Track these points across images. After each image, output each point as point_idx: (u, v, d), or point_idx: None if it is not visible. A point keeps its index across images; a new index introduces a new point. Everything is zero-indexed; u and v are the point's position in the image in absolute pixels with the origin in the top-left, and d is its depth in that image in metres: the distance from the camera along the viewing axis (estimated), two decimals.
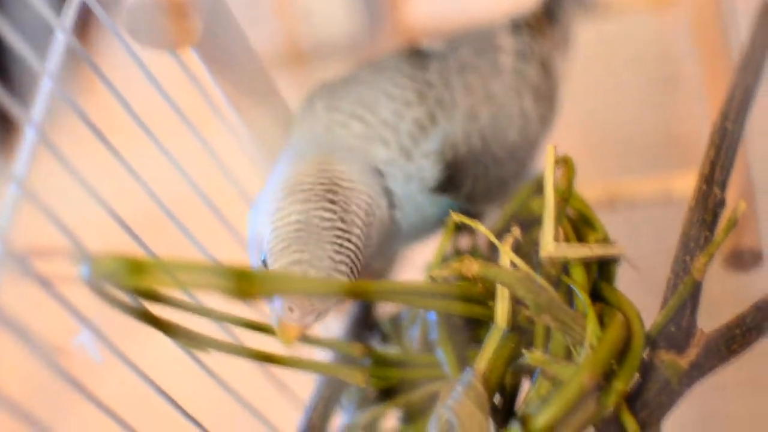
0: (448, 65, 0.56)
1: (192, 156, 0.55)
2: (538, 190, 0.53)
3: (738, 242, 0.59)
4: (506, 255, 0.47)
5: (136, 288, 0.37)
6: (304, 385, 0.54)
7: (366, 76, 0.56)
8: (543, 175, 0.47)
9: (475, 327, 0.51)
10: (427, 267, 0.52)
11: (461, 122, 0.53)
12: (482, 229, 0.47)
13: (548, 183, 0.47)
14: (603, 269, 0.49)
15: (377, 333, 0.57)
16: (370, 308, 0.58)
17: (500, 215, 0.54)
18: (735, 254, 0.59)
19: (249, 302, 0.45)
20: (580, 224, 0.50)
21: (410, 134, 0.52)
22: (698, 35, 0.75)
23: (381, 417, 0.52)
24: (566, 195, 0.48)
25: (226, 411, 0.55)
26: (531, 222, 0.52)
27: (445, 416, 0.43)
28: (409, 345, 0.54)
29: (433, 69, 0.55)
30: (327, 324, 0.62)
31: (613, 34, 0.94)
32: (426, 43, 0.61)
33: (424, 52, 0.58)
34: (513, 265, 0.47)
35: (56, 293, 0.40)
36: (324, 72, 0.62)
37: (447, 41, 0.60)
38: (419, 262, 0.56)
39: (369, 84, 0.54)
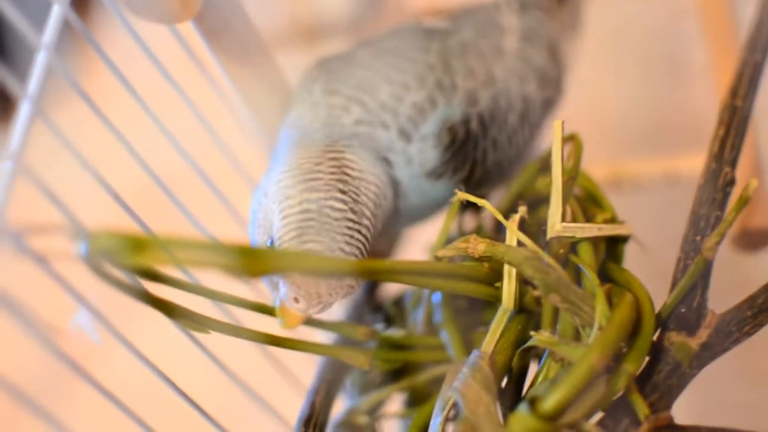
0: (450, 47, 0.55)
1: (191, 133, 0.54)
2: (544, 170, 0.52)
3: (747, 222, 0.58)
4: (513, 234, 0.46)
5: (135, 266, 0.36)
6: (306, 369, 0.53)
7: (365, 59, 0.55)
8: (549, 154, 0.47)
9: (481, 309, 0.50)
10: (432, 247, 0.51)
11: (460, 106, 0.53)
12: (489, 207, 0.46)
13: (556, 160, 0.46)
14: (611, 249, 0.48)
15: (381, 316, 0.56)
16: (374, 291, 0.58)
17: (506, 194, 0.53)
18: (744, 235, 0.58)
19: (250, 281, 0.44)
20: (588, 203, 0.50)
21: (409, 117, 0.51)
22: (705, 15, 0.74)
23: (384, 401, 0.52)
24: (573, 173, 0.47)
25: (227, 395, 0.54)
26: (537, 202, 0.51)
27: (452, 398, 0.42)
28: (413, 328, 0.53)
29: (434, 51, 0.54)
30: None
31: (620, 14, 0.93)
32: (429, 21, 0.60)
33: (427, 31, 0.57)
34: (520, 245, 0.46)
35: (53, 271, 0.39)
36: (326, 51, 0.61)
37: (450, 19, 0.59)
38: (423, 243, 0.55)
39: (368, 67, 0.54)
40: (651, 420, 0.43)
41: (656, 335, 0.45)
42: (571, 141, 0.49)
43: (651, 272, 0.49)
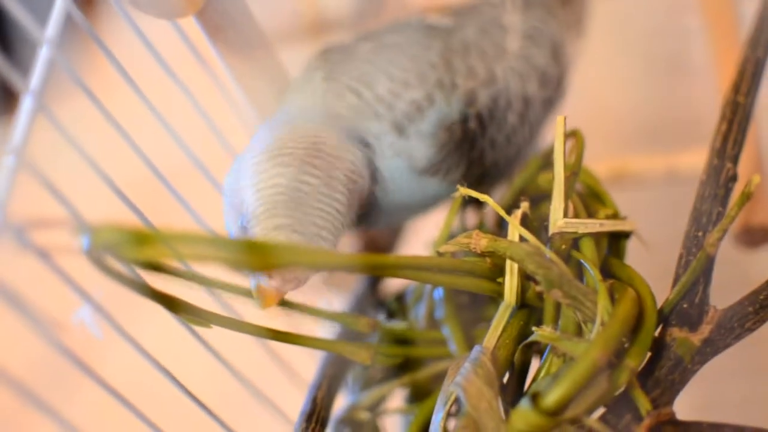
0: (452, 45, 0.55)
1: (193, 128, 0.54)
2: (546, 166, 0.52)
3: (749, 218, 0.58)
4: (515, 229, 0.46)
5: (138, 260, 0.36)
6: (308, 365, 0.53)
7: (369, 54, 0.55)
8: (551, 150, 0.47)
9: (483, 305, 0.50)
10: (434, 243, 0.51)
11: (459, 105, 0.53)
12: (491, 203, 0.46)
13: (558, 156, 0.46)
14: (613, 245, 0.48)
15: (382, 311, 0.56)
16: (375, 286, 0.58)
17: (508, 190, 0.53)
18: (746, 231, 0.58)
19: (252, 275, 0.44)
20: (590, 199, 0.50)
21: (406, 113, 0.51)
22: (707, 11, 0.74)
23: (386, 396, 0.52)
24: (576, 169, 0.47)
25: (228, 390, 0.54)
26: (539, 197, 0.51)
27: (454, 394, 0.42)
28: (415, 323, 0.53)
29: (436, 49, 0.54)
30: (331, 303, 0.61)
31: (623, 10, 0.93)
32: (432, 17, 0.60)
33: (430, 27, 0.57)
34: (522, 240, 0.46)
35: (55, 266, 0.39)
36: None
37: (454, 16, 0.59)
38: (425, 238, 0.55)
39: (371, 63, 0.54)
40: (653, 415, 0.43)
41: (658, 331, 0.45)
42: (574, 137, 0.49)
43: (653, 268, 0.49)
